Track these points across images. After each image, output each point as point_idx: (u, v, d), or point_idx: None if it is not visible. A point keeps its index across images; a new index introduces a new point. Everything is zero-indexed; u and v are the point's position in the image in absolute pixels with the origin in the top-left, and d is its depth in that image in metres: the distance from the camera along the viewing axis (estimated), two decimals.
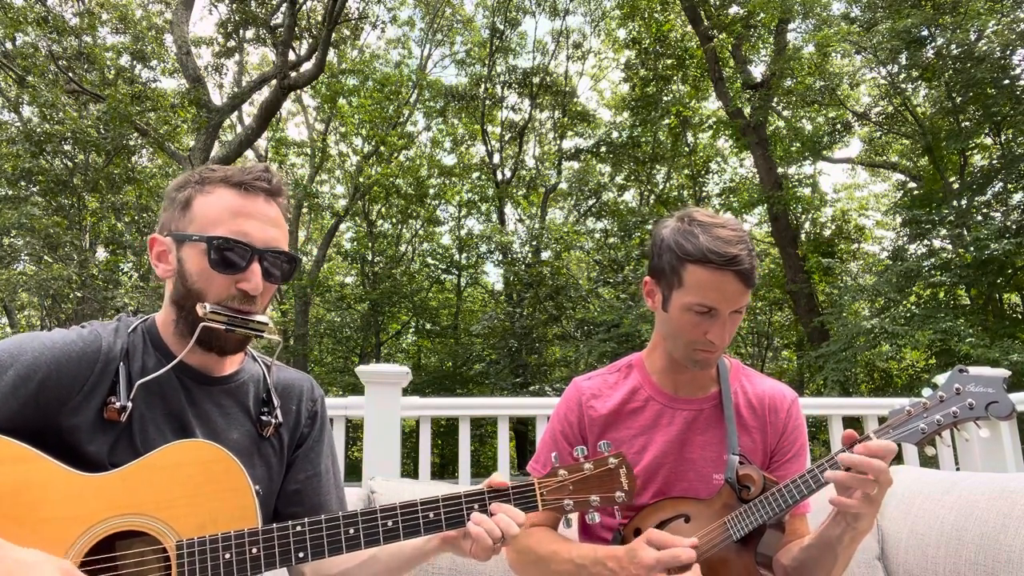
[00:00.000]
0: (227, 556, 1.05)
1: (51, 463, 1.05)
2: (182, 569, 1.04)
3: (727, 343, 1.41)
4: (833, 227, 17.55)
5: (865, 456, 1.19)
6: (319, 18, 13.76)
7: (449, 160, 21.32)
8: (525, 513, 1.15)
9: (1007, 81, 10.74)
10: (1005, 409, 1.20)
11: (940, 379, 3.28)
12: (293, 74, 12.88)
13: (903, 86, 12.99)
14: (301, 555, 1.07)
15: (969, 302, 12.45)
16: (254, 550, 1.06)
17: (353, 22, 15.07)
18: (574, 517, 1.19)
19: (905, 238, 12.84)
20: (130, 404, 1.13)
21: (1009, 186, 11.34)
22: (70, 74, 12.71)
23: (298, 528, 1.08)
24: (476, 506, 1.14)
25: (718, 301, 1.34)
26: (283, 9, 13.39)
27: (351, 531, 1.10)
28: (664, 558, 1.24)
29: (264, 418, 1.27)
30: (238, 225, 1.16)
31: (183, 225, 1.18)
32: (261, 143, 19.05)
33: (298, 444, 1.34)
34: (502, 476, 1.19)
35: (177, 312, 1.19)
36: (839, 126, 14.62)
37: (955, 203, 11.55)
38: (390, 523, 1.11)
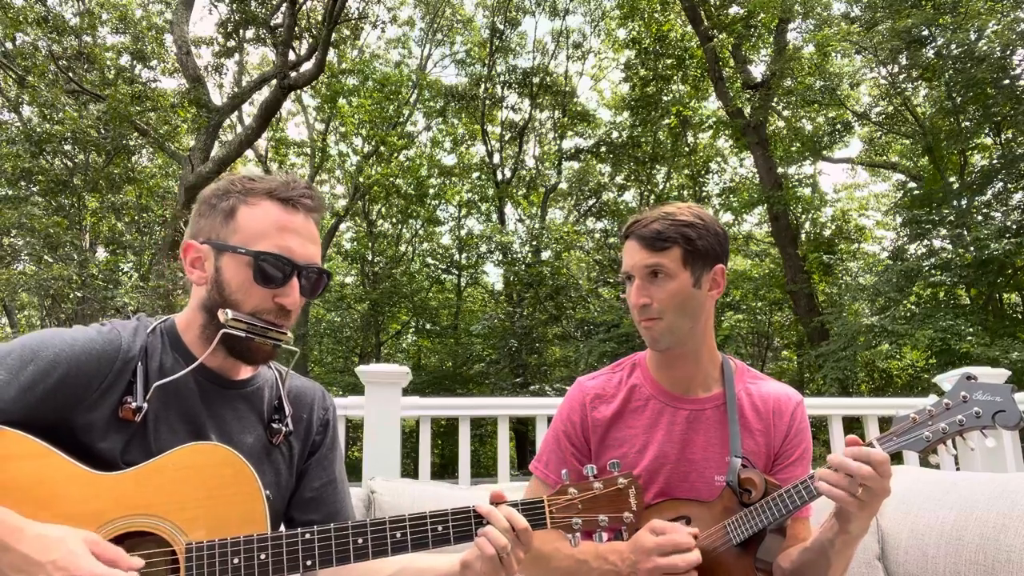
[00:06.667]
0: (235, 561, 1.05)
1: (66, 460, 1.05)
2: (190, 572, 1.04)
3: (651, 304, 1.46)
4: (833, 227, 17.52)
5: (849, 459, 1.19)
6: (319, 18, 13.74)
7: (449, 160, 21.34)
8: (533, 530, 1.15)
9: (1007, 81, 10.73)
10: (1013, 419, 1.16)
11: (941, 379, 3.25)
12: (293, 74, 12.86)
13: (903, 86, 12.98)
14: (309, 563, 1.08)
15: (969, 302, 12.44)
16: (262, 556, 1.06)
17: (353, 22, 15.05)
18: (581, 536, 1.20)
19: (905, 238, 12.83)
20: (146, 405, 1.13)
21: (1009, 186, 11.34)
22: (70, 74, 12.70)
23: (307, 536, 1.08)
24: (484, 520, 1.14)
25: (629, 267, 1.51)
26: (283, 9, 13.37)
27: (359, 541, 1.10)
28: (663, 543, 1.28)
29: (275, 425, 1.27)
30: (283, 240, 1.17)
31: (225, 235, 1.18)
32: (261, 143, 19.02)
33: (311, 452, 1.35)
34: (504, 492, 1.19)
35: (206, 318, 1.18)
36: (839, 126, 14.60)
37: (955, 203, 11.55)
38: (399, 534, 1.11)
